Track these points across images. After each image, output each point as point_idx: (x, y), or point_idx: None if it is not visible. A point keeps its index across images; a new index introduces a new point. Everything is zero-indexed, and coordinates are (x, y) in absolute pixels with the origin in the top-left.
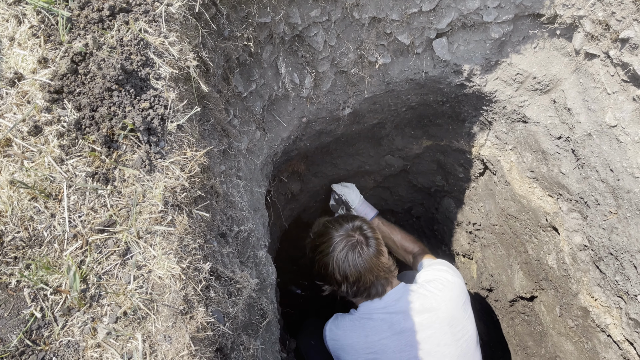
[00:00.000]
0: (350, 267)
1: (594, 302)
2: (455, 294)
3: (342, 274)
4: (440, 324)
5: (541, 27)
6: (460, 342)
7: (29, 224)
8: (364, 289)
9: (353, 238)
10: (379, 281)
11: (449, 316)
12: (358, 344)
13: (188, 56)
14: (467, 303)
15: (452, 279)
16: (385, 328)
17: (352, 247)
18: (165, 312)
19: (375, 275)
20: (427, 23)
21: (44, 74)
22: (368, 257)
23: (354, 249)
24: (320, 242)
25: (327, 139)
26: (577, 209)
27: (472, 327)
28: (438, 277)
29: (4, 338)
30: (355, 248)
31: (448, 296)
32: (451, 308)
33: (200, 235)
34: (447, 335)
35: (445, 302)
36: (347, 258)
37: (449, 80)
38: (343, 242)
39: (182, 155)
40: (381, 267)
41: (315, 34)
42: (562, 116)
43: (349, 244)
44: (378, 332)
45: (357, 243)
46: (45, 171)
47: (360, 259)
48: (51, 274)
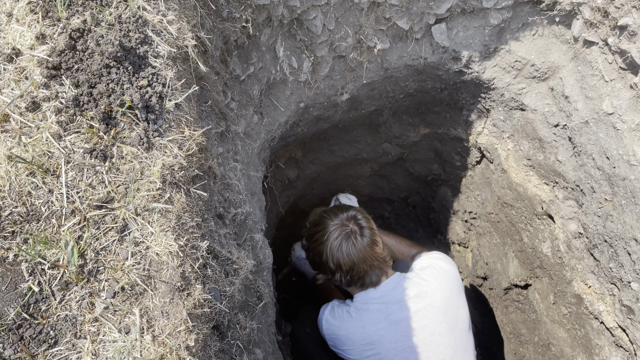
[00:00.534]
0: (343, 256)
1: (587, 290)
2: (449, 282)
3: (336, 262)
4: (436, 313)
5: (540, 14)
6: (454, 330)
7: (26, 199)
8: (357, 278)
9: (347, 227)
10: (373, 271)
11: (444, 305)
12: (355, 335)
13: (186, 35)
14: (461, 291)
15: (446, 266)
16: (382, 318)
17: (346, 236)
18: (163, 288)
19: (369, 265)
20: (427, 8)
21: (42, 50)
22: (362, 247)
23: (348, 238)
24: (315, 231)
25: (325, 125)
26: (572, 196)
27: (465, 314)
28: (432, 264)
29: (1, 311)
30: (349, 237)
31: (443, 284)
32: (446, 296)
33: (198, 214)
34: (442, 325)
35: (440, 291)
36: (341, 247)
37: (448, 66)
38: (337, 231)
39: (180, 134)
40: (375, 257)
41: (314, 18)
42: (559, 104)
43: (343, 233)
44: (374, 323)
45: (351, 232)
46: (43, 147)
47: (353, 249)
48: (49, 248)
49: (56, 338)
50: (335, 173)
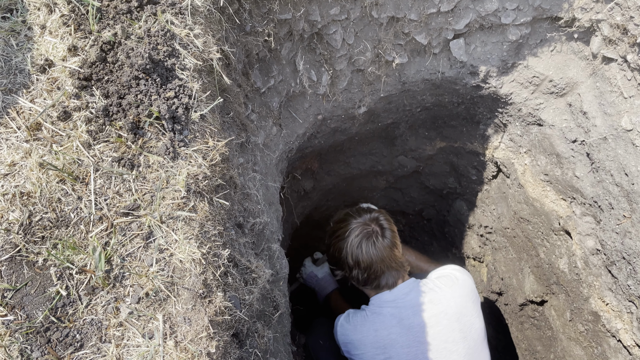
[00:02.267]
0: (362, 254)
1: (605, 307)
2: (464, 291)
3: (355, 259)
4: (449, 320)
5: (559, 30)
6: (467, 339)
7: (56, 206)
8: (374, 277)
9: (369, 227)
10: (390, 272)
11: (457, 312)
12: (367, 339)
13: (212, 49)
14: (476, 301)
15: (461, 276)
16: (395, 323)
17: (367, 235)
18: (185, 295)
19: (386, 266)
20: (445, 24)
21: (73, 62)
22: (381, 247)
23: (369, 237)
24: (338, 228)
25: (341, 138)
26: (590, 212)
27: (480, 325)
28: (447, 273)
29: (30, 314)
30: (370, 237)
31: (457, 292)
32: (460, 304)
33: (220, 223)
34: (455, 332)
35: (454, 299)
36: (361, 244)
37: (465, 81)
38: (359, 229)
39: (205, 144)
40: (393, 259)
41: (333, 32)
42: (577, 120)
43: (364, 232)
44: (387, 327)
45: (372, 232)
46: (74, 155)
47: (373, 248)
48: (77, 254)
49: (82, 342)
50: (350, 185)
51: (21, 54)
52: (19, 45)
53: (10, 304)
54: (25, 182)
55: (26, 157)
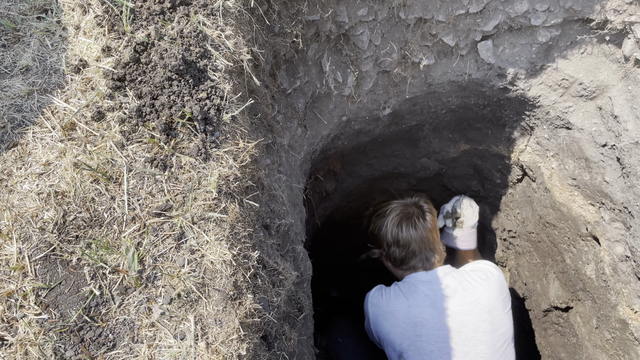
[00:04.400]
0: (402, 232)
1: (633, 315)
2: (496, 286)
3: (394, 237)
4: (480, 311)
5: (590, 32)
6: (496, 333)
7: (90, 205)
8: (411, 256)
9: (410, 208)
10: (427, 253)
11: (489, 305)
12: (400, 312)
13: (242, 50)
14: (507, 299)
15: (495, 272)
16: (428, 304)
17: (407, 215)
18: (216, 297)
19: (425, 247)
20: (474, 25)
21: (107, 62)
22: (421, 228)
23: (409, 217)
24: (380, 207)
25: (365, 139)
26: (620, 218)
27: (509, 324)
28: (482, 268)
29: (64, 313)
30: (411, 217)
31: (490, 286)
32: (492, 298)
33: (250, 225)
34: (485, 323)
35: (486, 291)
36: (401, 223)
37: (492, 83)
38: (399, 208)
39: (235, 146)
40: (431, 241)
41: (360, 33)
42: (608, 123)
43: (404, 212)
44: (420, 306)
45: (412, 213)
46: (107, 155)
47: (412, 228)
48: (110, 253)
49: (114, 341)
50: (372, 187)
51: (56, 54)
52: (54, 45)
53: (44, 302)
54: (60, 181)
55: (61, 156)
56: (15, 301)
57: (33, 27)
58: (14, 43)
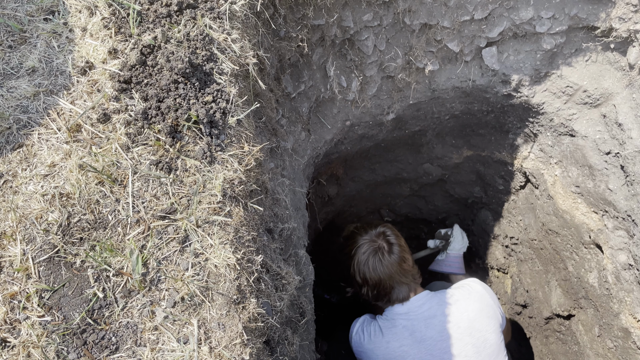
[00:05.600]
0: (370, 271)
1: (636, 323)
2: (478, 304)
3: (362, 276)
4: (462, 334)
5: (595, 40)
6: (481, 354)
7: (95, 207)
8: (384, 294)
9: (376, 243)
10: (400, 287)
11: (470, 326)
12: (379, 349)
13: (248, 53)
14: (491, 316)
15: (479, 288)
16: (407, 335)
17: (374, 252)
18: (220, 301)
19: (396, 281)
20: (478, 31)
21: (113, 64)
22: (388, 263)
23: (375, 254)
24: (346, 245)
25: (368, 144)
26: (623, 226)
27: (495, 339)
28: (465, 284)
29: (67, 315)
30: (377, 253)
31: (471, 306)
32: (472, 318)
33: (254, 228)
34: (468, 347)
35: (467, 312)
36: (368, 262)
37: (496, 90)
38: (365, 246)
39: (240, 149)
40: (402, 273)
41: (365, 38)
42: (612, 131)
43: (370, 249)
44: (399, 339)
45: (378, 249)
46: (112, 157)
47: (380, 265)
48: (114, 256)
49: (117, 344)
50: (374, 191)
51: (62, 55)
52: (60, 47)
53: (47, 304)
54: (65, 183)
55: (66, 158)
56: (19, 303)
57: (40, 28)
58: (20, 44)
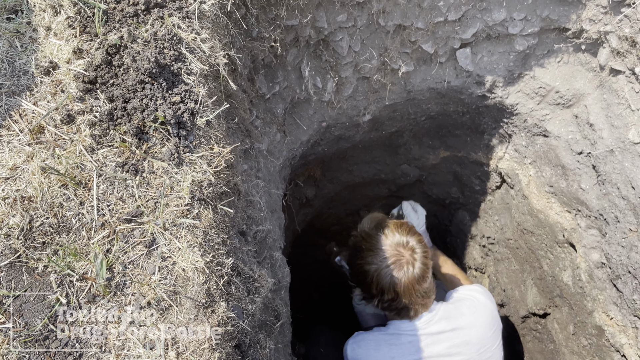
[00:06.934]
0: (388, 286)
1: (609, 321)
2: (487, 318)
3: (379, 289)
4: (470, 351)
5: (566, 41)
6: None
7: (58, 211)
8: (395, 308)
9: (402, 257)
10: (413, 305)
11: (479, 343)
12: None
13: (218, 54)
14: (497, 330)
15: (485, 300)
16: (413, 351)
17: (398, 266)
18: (188, 305)
19: (412, 301)
20: (452, 33)
21: (78, 64)
22: (409, 281)
23: (399, 269)
24: (367, 247)
25: (345, 145)
26: (595, 225)
27: (500, 356)
28: (471, 296)
29: (29, 322)
30: (401, 268)
31: (480, 321)
32: (481, 335)
33: (224, 231)
34: None
35: (475, 328)
36: (388, 275)
37: (471, 91)
38: (391, 258)
39: (210, 151)
40: (420, 292)
41: (340, 39)
42: (584, 131)
43: (394, 262)
44: (404, 355)
45: (404, 263)
46: (77, 159)
47: (401, 281)
48: (78, 261)
49: (81, 351)
50: (352, 193)
51: (25, 55)
52: (24, 47)
53: (8, 311)
54: (27, 186)
55: (28, 160)
56: None
57: (2, 27)
58: None
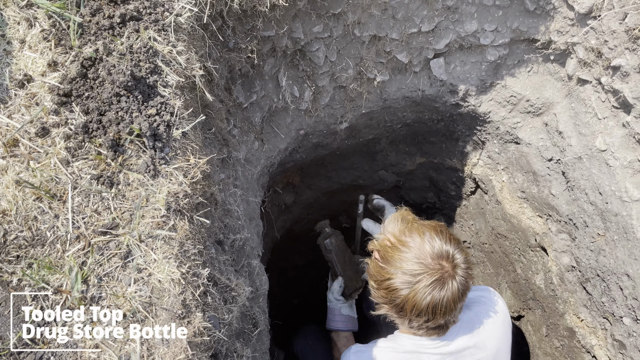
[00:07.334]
0: (426, 307)
1: (580, 323)
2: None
3: (415, 311)
4: None
5: (536, 51)
6: None
7: (32, 224)
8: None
9: (444, 272)
10: (447, 323)
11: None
12: None
13: (194, 65)
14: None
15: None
16: None
17: (440, 283)
18: (164, 316)
19: (448, 319)
20: (426, 43)
21: (53, 77)
22: (452, 299)
23: (441, 286)
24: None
25: (323, 152)
26: (566, 230)
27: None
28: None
29: (3, 336)
30: (443, 286)
31: (499, 332)
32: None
33: (200, 242)
34: None
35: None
36: (428, 295)
37: (445, 99)
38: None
39: (186, 162)
40: (460, 307)
41: (316, 49)
42: (553, 139)
43: (436, 280)
44: None
45: (447, 278)
46: (51, 172)
47: (442, 301)
48: (53, 274)
49: None
50: (331, 199)
51: None
52: None
53: None
54: (1, 199)
55: (2, 174)
56: None
57: None
58: None
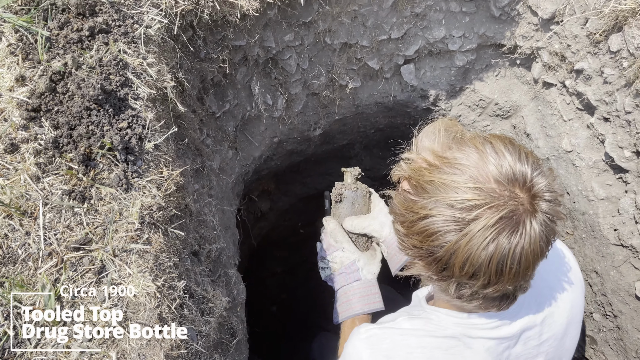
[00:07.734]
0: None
1: None
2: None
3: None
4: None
5: (502, 56)
6: None
7: (2, 242)
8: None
9: (518, 205)
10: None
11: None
12: None
13: (165, 77)
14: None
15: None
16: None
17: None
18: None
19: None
20: (396, 50)
21: (21, 92)
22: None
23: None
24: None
25: (298, 159)
26: None
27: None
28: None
29: None
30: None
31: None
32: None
33: (175, 254)
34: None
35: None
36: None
37: (416, 104)
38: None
39: (159, 174)
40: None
41: (288, 58)
42: (522, 141)
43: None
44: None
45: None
46: (21, 189)
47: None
48: (25, 291)
49: None
50: (307, 204)
51: None
52: None
53: None
54: None
55: None
56: None
57: None
58: None
